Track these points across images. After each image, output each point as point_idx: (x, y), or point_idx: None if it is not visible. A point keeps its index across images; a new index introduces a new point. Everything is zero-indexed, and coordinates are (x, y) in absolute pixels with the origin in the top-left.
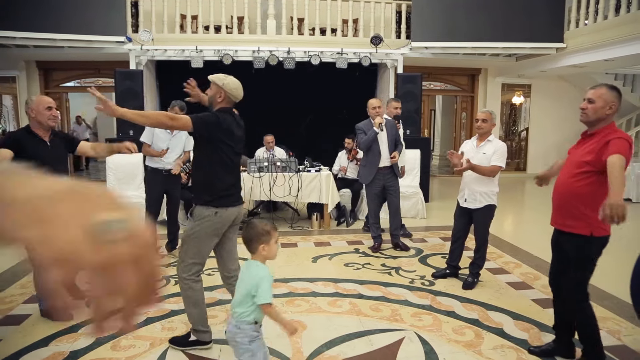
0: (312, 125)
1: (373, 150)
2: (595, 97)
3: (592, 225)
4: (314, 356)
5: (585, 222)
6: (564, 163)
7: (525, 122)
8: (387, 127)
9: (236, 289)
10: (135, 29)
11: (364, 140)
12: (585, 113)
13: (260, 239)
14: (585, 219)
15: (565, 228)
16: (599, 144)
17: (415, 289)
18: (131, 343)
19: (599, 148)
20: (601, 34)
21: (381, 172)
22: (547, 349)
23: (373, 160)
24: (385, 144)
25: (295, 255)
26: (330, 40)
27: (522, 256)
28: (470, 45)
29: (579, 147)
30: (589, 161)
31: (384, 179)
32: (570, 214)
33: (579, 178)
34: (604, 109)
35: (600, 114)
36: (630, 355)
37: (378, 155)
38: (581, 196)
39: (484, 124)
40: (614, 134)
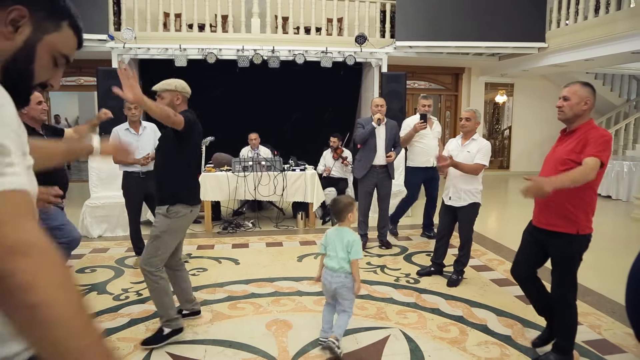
0: (297, 124)
1: (369, 145)
2: (569, 94)
3: (579, 223)
4: (300, 355)
5: (572, 221)
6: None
7: (509, 120)
8: (387, 126)
9: (331, 252)
10: (118, 27)
11: (360, 133)
12: (562, 111)
13: (348, 209)
14: (572, 218)
15: (551, 227)
16: (581, 141)
17: (401, 286)
18: (115, 345)
19: (582, 145)
20: (581, 34)
21: (375, 170)
22: (545, 337)
23: (368, 155)
24: (383, 141)
25: (280, 254)
26: (315, 39)
27: (506, 253)
28: (453, 45)
29: (561, 144)
30: (573, 158)
31: (377, 178)
32: (556, 213)
33: None
34: (579, 105)
35: (576, 110)
36: (610, 348)
37: (373, 150)
38: (567, 194)
39: (468, 123)
40: (594, 131)
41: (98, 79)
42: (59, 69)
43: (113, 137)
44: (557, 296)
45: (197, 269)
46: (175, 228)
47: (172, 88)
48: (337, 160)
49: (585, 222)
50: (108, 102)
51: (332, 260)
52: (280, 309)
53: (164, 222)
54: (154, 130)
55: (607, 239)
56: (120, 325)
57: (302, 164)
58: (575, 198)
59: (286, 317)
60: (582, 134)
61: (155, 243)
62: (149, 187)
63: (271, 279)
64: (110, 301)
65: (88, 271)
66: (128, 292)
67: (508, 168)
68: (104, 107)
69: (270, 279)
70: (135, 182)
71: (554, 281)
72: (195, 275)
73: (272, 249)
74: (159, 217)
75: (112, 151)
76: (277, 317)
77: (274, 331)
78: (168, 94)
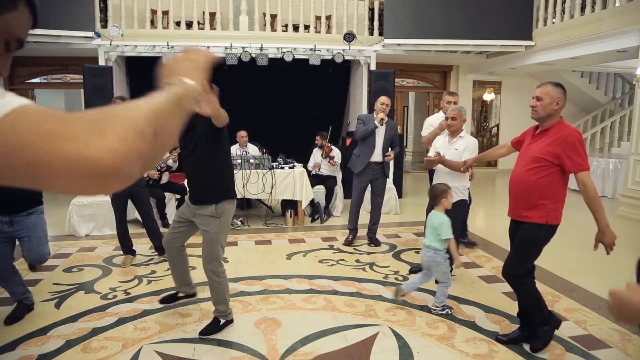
0: (285, 121)
1: (369, 142)
2: (542, 95)
3: (549, 214)
4: (289, 353)
5: (542, 212)
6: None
7: (496, 118)
8: (388, 126)
9: (426, 231)
10: (104, 24)
11: (361, 130)
12: (535, 110)
13: (442, 195)
14: (542, 209)
15: (522, 218)
16: (556, 140)
17: (389, 284)
18: (102, 344)
19: (557, 144)
20: (568, 33)
21: (372, 167)
22: (514, 336)
23: (367, 152)
24: (382, 139)
25: (269, 252)
26: (304, 36)
27: (493, 250)
28: (442, 43)
29: (534, 142)
30: (547, 158)
31: (372, 174)
32: (527, 205)
33: (537, 171)
34: (551, 105)
35: (548, 110)
36: (596, 344)
37: (372, 147)
38: (539, 188)
39: (454, 122)
40: (569, 133)
41: (84, 76)
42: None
43: None
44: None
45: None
46: (226, 225)
47: None
48: (325, 158)
49: (554, 212)
50: (95, 100)
51: (426, 238)
52: (269, 307)
53: (215, 223)
54: None
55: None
56: (108, 324)
57: (291, 162)
58: (544, 189)
59: (275, 315)
60: (555, 133)
61: (215, 246)
62: (133, 187)
63: (260, 277)
64: (98, 300)
65: (75, 270)
66: (116, 291)
67: (496, 165)
68: (91, 104)
69: (259, 277)
70: None
71: (508, 259)
72: None
73: (261, 247)
74: (207, 219)
75: None
76: (266, 315)
77: (263, 329)
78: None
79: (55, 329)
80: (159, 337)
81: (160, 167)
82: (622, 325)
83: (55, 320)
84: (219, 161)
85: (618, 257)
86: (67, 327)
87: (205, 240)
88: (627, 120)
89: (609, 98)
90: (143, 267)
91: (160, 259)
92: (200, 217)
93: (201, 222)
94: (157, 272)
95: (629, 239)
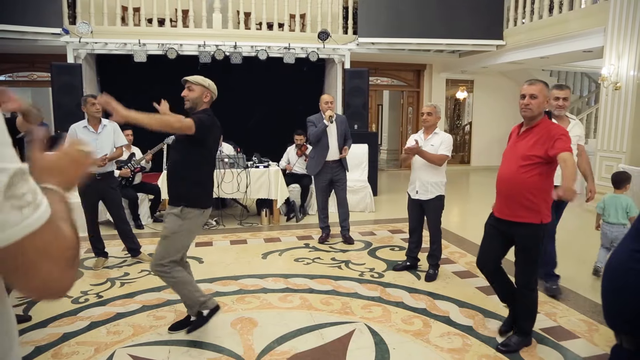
0: (260, 120)
1: (322, 143)
2: (537, 93)
3: (542, 212)
4: (266, 352)
5: (536, 211)
6: None
7: (469, 116)
8: (337, 122)
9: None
10: (73, 20)
11: (313, 132)
12: (530, 108)
13: (625, 181)
14: (535, 208)
15: (517, 218)
16: (543, 136)
17: (365, 281)
18: (74, 350)
19: (545, 140)
20: (537, 33)
21: (329, 165)
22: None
23: (321, 153)
24: (335, 137)
25: (244, 252)
26: (278, 35)
27: (467, 246)
28: (415, 42)
29: (521, 140)
30: (535, 154)
31: (331, 172)
32: (521, 205)
33: (527, 169)
34: (544, 104)
35: (541, 109)
36: (566, 335)
37: (326, 148)
38: (531, 186)
39: (430, 117)
40: (555, 127)
41: (52, 74)
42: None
43: (70, 135)
44: (521, 282)
45: None
46: (187, 229)
47: (206, 85)
48: (301, 157)
49: (546, 210)
50: (63, 98)
51: (611, 217)
52: (245, 306)
53: (175, 223)
54: (115, 128)
55: (562, 230)
56: (80, 329)
57: (266, 161)
58: (535, 188)
59: (251, 314)
60: (542, 130)
61: (164, 243)
62: (105, 188)
63: (235, 277)
64: (69, 304)
65: None
66: (88, 295)
67: (469, 163)
68: (59, 103)
69: (235, 276)
70: (90, 183)
71: (518, 269)
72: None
73: (236, 246)
74: (171, 217)
75: None
76: (242, 315)
77: (239, 329)
78: (200, 88)
79: (24, 335)
80: (132, 340)
81: (133, 168)
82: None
83: (23, 326)
84: (191, 165)
85: (586, 251)
86: (37, 332)
87: (160, 235)
88: (593, 118)
89: (577, 96)
90: (116, 269)
91: (134, 260)
92: (166, 216)
93: (166, 219)
94: (130, 275)
95: (597, 233)
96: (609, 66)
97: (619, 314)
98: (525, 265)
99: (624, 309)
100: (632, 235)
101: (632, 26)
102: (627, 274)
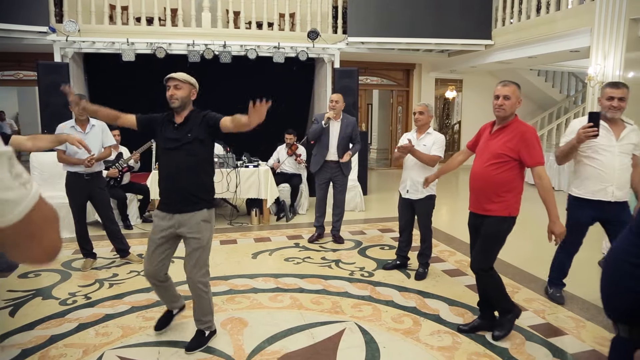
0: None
1: (322, 142)
2: (510, 94)
3: (510, 206)
4: (256, 352)
5: (504, 205)
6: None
7: (458, 115)
8: (343, 123)
9: None
10: (59, 18)
11: (312, 129)
12: (503, 109)
13: None
14: (503, 202)
15: (485, 212)
16: (515, 136)
17: (355, 280)
18: (61, 352)
19: (517, 140)
20: (524, 33)
21: (329, 165)
22: (475, 325)
23: (321, 152)
24: (336, 138)
25: (234, 252)
26: (267, 34)
27: (457, 244)
28: (404, 41)
29: (493, 139)
30: (506, 153)
31: (331, 172)
32: (489, 199)
33: (498, 166)
34: (516, 104)
35: (514, 109)
36: (554, 332)
37: (326, 147)
38: (501, 182)
39: (421, 117)
40: (526, 129)
41: (39, 73)
42: None
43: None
44: (475, 266)
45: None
46: (211, 235)
47: (193, 82)
48: (291, 156)
49: (515, 204)
50: (50, 98)
51: None
52: (235, 307)
53: (207, 228)
54: (103, 128)
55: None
56: (68, 331)
57: (256, 160)
58: (504, 184)
59: (241, 314)
60: (513, 129)
61: (205, 254)
62: (93, 188)
63: (225, 277)
64: (57, 306)
65: (32, 276)
66: (76, 296)
67: None
68: (46, 102)
69: (225, 277)
70: (79, 183)
71: (474, 253)
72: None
73: (226, 246)
74: (199, 225)
75: None
76: (232, 315)
77: (229, 329)
78: (188, 86)
79: (10, 338)
80: (121, 341)
81: (121, 168)
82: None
83: (9, 329)
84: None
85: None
86: (23, 335)
87: (195, 248)
88: (580, 117)
89: (564, 96)
90: (104, 270)
91: (123, 261)
92: (189, 226)
93: (190, 230)
94: (119, 275)
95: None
96: (595, 66)
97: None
98: (481, 251)
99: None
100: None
101: (617, 26)
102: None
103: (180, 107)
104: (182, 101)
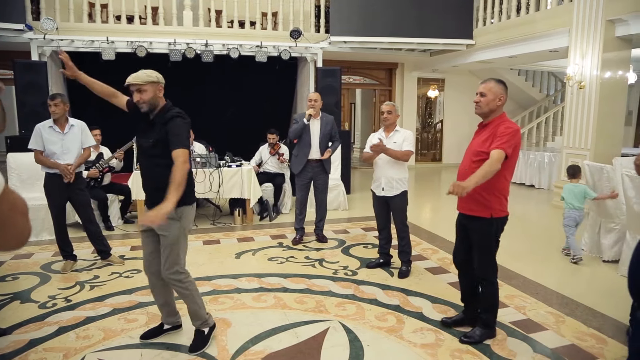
0: (232, 119)
1: (303, 141)
2: (485, 91)
3: (492, 208)
4: (240, 352)
5: (485, 206)
6: None
7: (440, 114)
8: (323, 122)
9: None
10: (37, 16)
11: (293, 129)
12: (479, 106)
13: (580, 172)
14: (485, 203)
15: (470, 212)
16: (492, 134)
17: (339, 279)
18: (41, 356)
19: (492, 138)
20: (505, 33)
21: (311, 165)
22: (457, 319)
23: (303, 151)
24: (317, 136)
25: (218, 252)
26: (250, 33)
27: (439, 242)
28: (387, 40)
29: (476, 137)
30: (484, 150)
31: (312, 172)
32: (472, 199)
33: (478, 165)
34: (494, 101)
35: (491, 106)
36: (534, 327)
37: (308, 146)
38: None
39: (390, 116)
40: (502, 125)
41: (16, 72)
42: None
43: (36, 134)
44: (480, 274)
45: (130, 271)
46: (185, 227)
47: (154, 78)
48: (274, 156)
49: (498, 206)
50: (27, 97)
51: (569, 203)
52: (218, 307)
53: (176, 226)
54: (82, 128)
55: (530, 225)
56: (48, 334)
57: (238, 160)
58: (487, 185)
59: (225, 315)
60: (493, 128)
61: (174, 250)
62: (72, 189)
63: (209, 278)
64: (36, 310)
65: (9, 279)
66: (55, 299)
67: (440, 160)
68: (23, 102)
69: (208, 277)
70: (58, 184)
71: (475, 261)
72: (129, 278)
73: (209, 246)
74: (169, 222)
75: None
76: (216, 315)
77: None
78: (150, 86)
79: None
80: (103, 344)
81: (102, 168)
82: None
83: None
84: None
85: (553, 245)
86: (1, 340)
87: (164, 245)
88: (560, 116)
89: (544, 95)
90: (85, 272)
91: (104, 263)
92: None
93: (162, 226)
94: (100, 277)
95: (563, 227)
96: (574, 66)
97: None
98: (480, 259)
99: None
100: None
101: (595, 27)
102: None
103: (150, 109)
104: (150, 104)
